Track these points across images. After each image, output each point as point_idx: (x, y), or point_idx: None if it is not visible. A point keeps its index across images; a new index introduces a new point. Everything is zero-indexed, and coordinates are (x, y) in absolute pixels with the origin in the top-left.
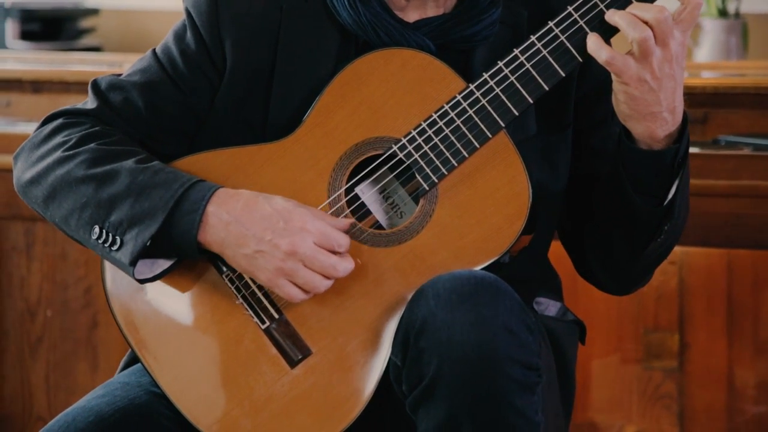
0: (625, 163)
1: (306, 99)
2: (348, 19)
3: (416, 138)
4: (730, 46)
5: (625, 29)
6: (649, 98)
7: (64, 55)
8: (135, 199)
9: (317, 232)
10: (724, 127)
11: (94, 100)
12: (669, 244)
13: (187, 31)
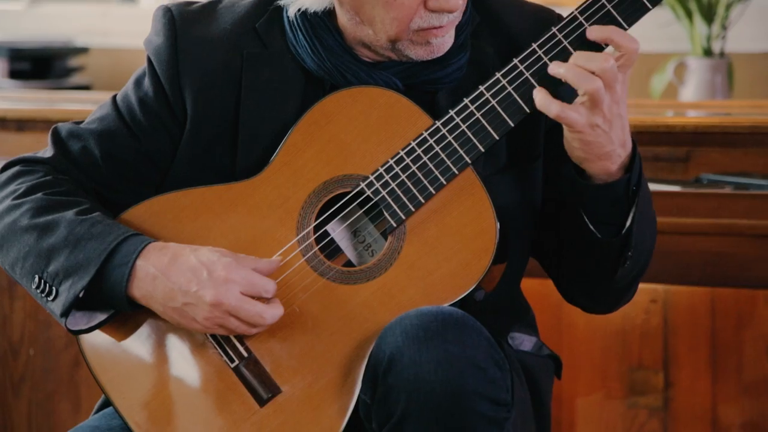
0: (580, 198)
1: (273, 142)
2: (312, 65)
3: (383, 175)
4: (716, 85)
5: (573, 82)
6: (602, 140)
7: (52, 93)
8: (71, 250)
9: (242, 280)
10: (707, 165)
11: (52, 148)
12: (640, 267)
13: (147, 78)
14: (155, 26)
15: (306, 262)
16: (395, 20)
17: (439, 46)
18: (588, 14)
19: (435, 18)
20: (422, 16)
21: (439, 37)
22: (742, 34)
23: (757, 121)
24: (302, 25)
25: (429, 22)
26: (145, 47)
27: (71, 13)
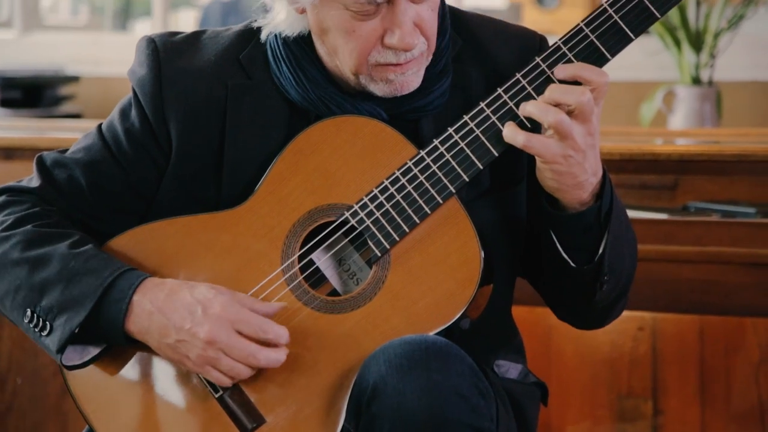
0: (552, 226)
1: (258, 173)
2: (297, 97)
3: (368, 204)
4: (704, 114)
5: (538, 117)
6: (575, 170)
7: (42, 122)
8: (66, 285)
9: (237, 319)
10: (694, 193)
11: (38, 177)
12: (621, 288)
13: (132, 109)
14: (139, 57)
15: (291, 291)
16: (354, 52)
17: (402, 84)
18: (571, 44)
19: (392, 55)
20: (380, 52)
21: (399, 75)
22: (730, 63)
23: (743, 149)
24: (286, 56)
25: (386, 58)
26: (129, 78)
27: (63, 42)
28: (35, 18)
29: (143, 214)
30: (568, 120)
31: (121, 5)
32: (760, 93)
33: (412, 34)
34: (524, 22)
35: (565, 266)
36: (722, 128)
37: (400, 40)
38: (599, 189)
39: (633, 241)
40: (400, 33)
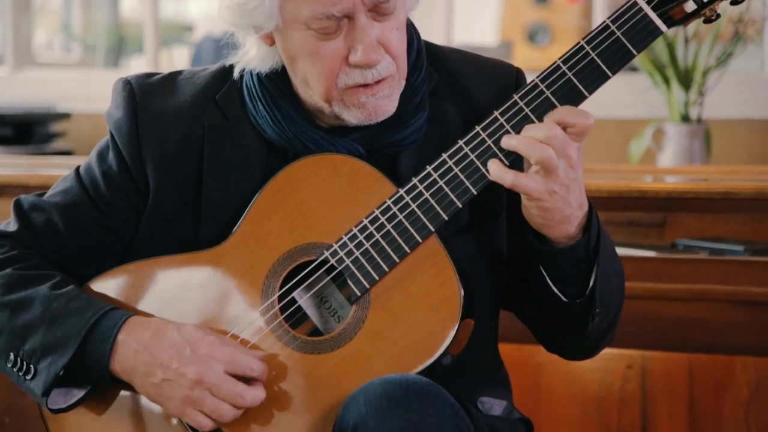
0: (542, 262)
1: (237, 213)
2: (274, 135)
3: (347, 244)
4: (693, 151)
5: (524, 152)
6: (561, 205)
7: (32, 159)
8: (48, 327)
9: (226, 359)
10: (682, 230)
11: (15, 221)
12: (611, 318)
13: (110, 151)
14: (115, 99)
15: (271, 331)
16: (321, 75)
17: (375, 108)
18: (549, 82)
19: (359, 74)
20: (347, 73)
21: (370, 97)
22: (719, 101)
23: (731, 187)
24: (261, 95)
25: (354, 79)
26: (106, 120)
27: (55, 79)
28: (27, 55)
29: (121, 255)
30: (555, 156)
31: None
32: (749, 130)
33: (375, 50)
34: (515, 59)
35: (556, 300)
36: (711, 165)
37: (362, 55)
38: (585, 222)
39: (620, 271)
40: (363, 48)
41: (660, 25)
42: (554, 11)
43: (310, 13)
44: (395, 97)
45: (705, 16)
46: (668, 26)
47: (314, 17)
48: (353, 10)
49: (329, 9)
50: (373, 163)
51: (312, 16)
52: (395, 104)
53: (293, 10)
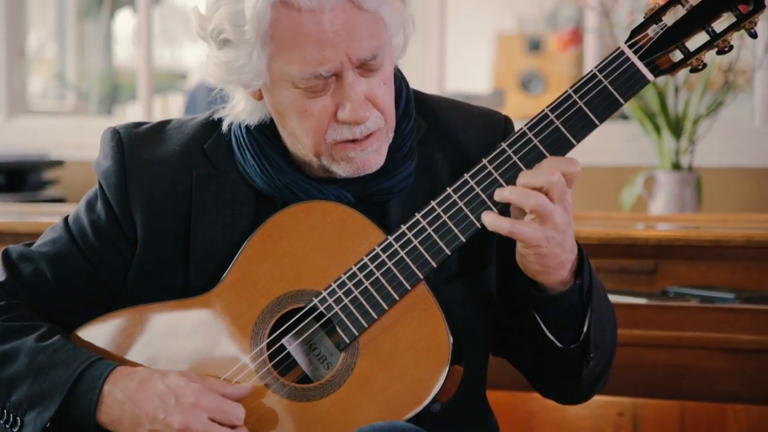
0: (536, 309)
1: (225, 261)
2: (262, 184)
3: (336, 291)
4: (685, 199)
5: (518, 203)
6: (557, 251)
7: (25, 206)
8: (34, 379)
9: (211, 407)
10: (673, 278)
11: (3, 271)
12: (605, 361)
13: (98, 201)
14: (104, 149)
15: (260, 378)
16: (310, 131)
17: (363, 162)
18: (537, 130)
19: (347, 130)
20: (335, 128)
21: (359, 152)
22: (710, 149)
23: (721, 235)
24: (249, 144)
25: (342, 134)
26: (95, 170)
27: (48, 127)
28: (21, 103)
29: (110, 304)
30: (550, 202)
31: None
32: (740, 179)
33: (364, 106)
34: (507, 107)
35: (550, 346)
36: (702, 213)
37: (351, 112)
38: (576, 265)
39: (612, 314)
40: (351, 106)
41: (647, 74)
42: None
43: (298, 72)
44: (383, 150)
45: (692, 65)
46: (655, 75)
47: (302, 77)
48: (341, 69)
49: (317, 69)
50: (363, 211)
51: (300, 75)
52: (383, 157)
53: (281, 69)
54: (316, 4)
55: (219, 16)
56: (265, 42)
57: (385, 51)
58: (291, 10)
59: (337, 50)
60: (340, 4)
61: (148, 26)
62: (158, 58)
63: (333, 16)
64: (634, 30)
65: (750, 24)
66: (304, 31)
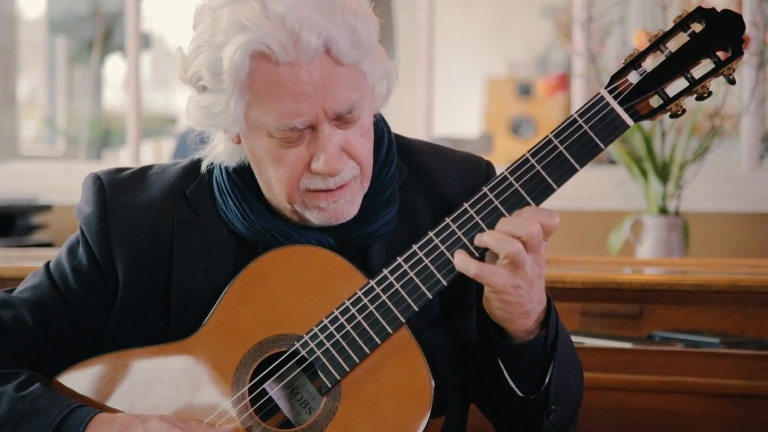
0: (500, 356)
1: (207, 306)
2: (243, 230)
3: (318, 335)
4: (672, 243)
5: (494, 247)
6: (523, 300)
7: (12, 251)
8: (14, 428)
9: None
10: (659, 322)
11: None
12: (569, 416)
13: (80, 247)
14: (85, 195)
15: (241, 424)
16: (284, 180)
17: (335, 213)
18: (518, 174)
19: (320, 181)
20: (308, 177)
21: (330, 202)
22: (696, 194)
23: (705, 280)
24: (231, 190)
25: (315, 184)
26: (76, 216)
27: (38, 172)
28: (12, 148)
29: (91, 351)
30: (524, 251)
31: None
32: (726, 224)
33: (338, 158)
34: (497, 151)
35: (512, 394)
36: (689, 258)
37: (324, 164)
38: (543, 317)
39: (579, 367)
40: (325, 157)
41: (626, 119)
42: (537, 104)
43: (274, 123)
44: (357, 200)
45: (671, 111)
46: (635, 121)
47: (277, 128)
48: (316, 121)
49: (292, 121)
50: (345, 255)
51: (275, 126)
52: (357, 207)
53: (257, 119)
54: (293, 58)
55: (198, 62)
56: (242, 91)
57: (363, 103)
58: (269, 62)
59: (313, 103)
60: (319, 58)
61: (136, 71)
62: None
63: (311, 70)
64: (614, 75)
65: (729, 70)
66: (281, 83)
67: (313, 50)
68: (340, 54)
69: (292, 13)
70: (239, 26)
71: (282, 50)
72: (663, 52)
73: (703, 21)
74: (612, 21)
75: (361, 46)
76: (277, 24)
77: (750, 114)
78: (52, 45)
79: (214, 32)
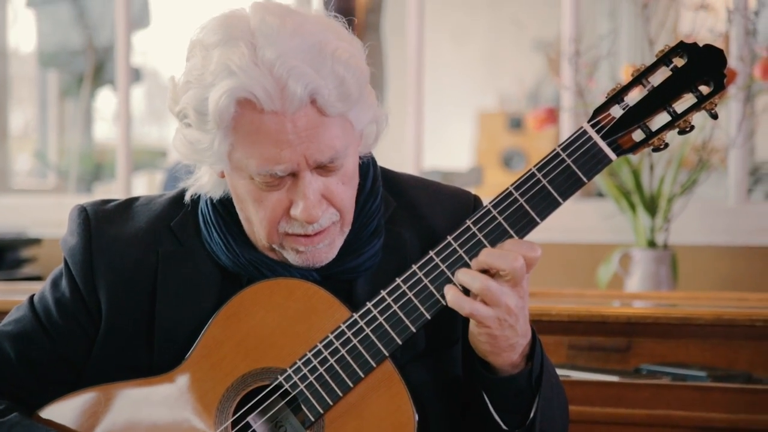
0: (485, 389)
1: (190, 339)
2: (227, 262)
3: (302, 368)
4: (660, 276)
5: (467, 284)
6: (508, 333)
7: (1, 285)
8: None
9: None
10: (647, 355)
11: None
12: None
13: (63, 279)
14: (70, 226)
15: None
16: (263, 221)
17: (313, 256)
18: (501, 208)
19: (299, 226)
20: (288, 222)
21: (309, 246)
22: (685, 227)
23: (689, 313)
24: (215, 222)
25: (294, 228)
26: (61, 247)
27: (28, 205)
28: (4, 182)
29: (73, 383)
30: (496, 286)
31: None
32: (715, 257)
33: (317, 206)
34: (487, 184)
35: (497, 428)
36: (678, 291)
37: (303, 211)
38: (528, 350)
39: (563, 402)
40: (304, 205)
41: (609, 153)
42: (528, 137)
43: (255, 168)
44: (337, 244)
45: (654, 145)
46: (617, 155)
47: (258, 172)
48: (297, 169)
49: (273, 168)
50: (329, 288)
51: (256, 171)
52: (335, 251)
53: (240, 160)
54: (279, 107)
55: (186, 98)
56: (226, 133)
57: (347, 151)
58: (254, 109)
59: (295, 152)
60: (304, 108)
61: (126, 104)
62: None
63: (295, 119)
64: (597, 109)
65: (711, 105)
66: (264, 130)
67: (298, 100)
68: (325, 105)
69: (281, 62)
70: (227, 71)
71: (267, 99)
72: (646, 87)
73: (685, 56)
74: (600, 55)
75: (349, 97)
76: (265, 72)
77: (737, 148)
78: (43, 79)
79: (203, 71)
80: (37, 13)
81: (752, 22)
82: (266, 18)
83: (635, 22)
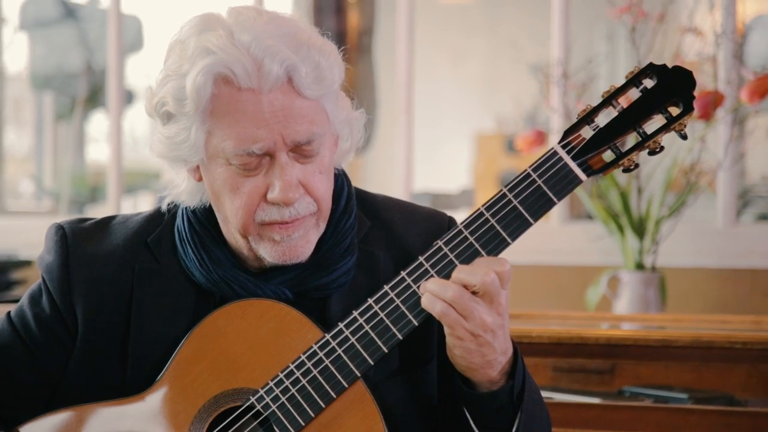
0: (466, 406)
1: (164, 357)
2: (201, 278)
3: (274, 389)
4: (648, 299)
5: (437, 293)
6: (485, 350)
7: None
8: None
9: None
10: (631, 378)
11: None
12: None
13: (42, 295)
14: (47, 244)
15: None
16: (240, 210)
17: (289, 248)
18: (472, 228)
19: (276, 211)
20: (264, 209)
21: (285, 236)
22: (673, 249)
23: (669, 335)
24: (191, 238)
25: (271, 215)
26: (38, 265)
27: (20, 227)
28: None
29: (49, 399)
30: (469, 296)
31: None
32: (703, 279)
33: (293, 188)
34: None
35: None
36: (667, 313)
37: (280, 192)
38: (509, 368)
39: (546, 419)
40: (281, 185)
41: (579, 174)
42: (525, 159)
43: (232, 149)
44: (312, 238)
45: (624, 165)
46: (588, 175)
47: (235, 153)
48: (274, 149)
49: (250, 146)
50: (303, 307)
51: (233, 152)
52: (311, 246)
53: (216, 145)
54: (255, 84)
55: (164, 91)
56: (204, 117)
57: (323, 139)
58: (231, 86)
59: (272, 130)
60: (279, 86)
61: (118, 126)
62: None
63: (272, 98)
64: (567, 130)
65: (680, 126)
66: (241, 109)
67: (275, 77)
68: (301, 85)
69: (257, 42)
70: (205, 51)
71: (245, 75)
72: (615, 108)
73: (654, 77)
74: (590, 77)
75: (323, 80)
76: (242, 51)
77: (725, 170)
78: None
79: (181, 62)
80: (32, 36)
81: (739, 45)
82: (241, 11)
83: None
